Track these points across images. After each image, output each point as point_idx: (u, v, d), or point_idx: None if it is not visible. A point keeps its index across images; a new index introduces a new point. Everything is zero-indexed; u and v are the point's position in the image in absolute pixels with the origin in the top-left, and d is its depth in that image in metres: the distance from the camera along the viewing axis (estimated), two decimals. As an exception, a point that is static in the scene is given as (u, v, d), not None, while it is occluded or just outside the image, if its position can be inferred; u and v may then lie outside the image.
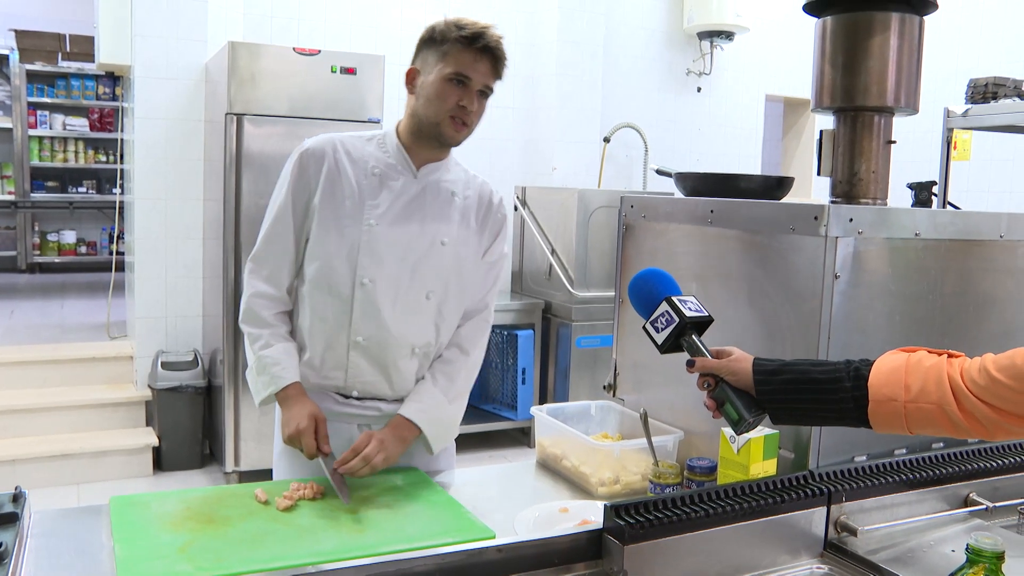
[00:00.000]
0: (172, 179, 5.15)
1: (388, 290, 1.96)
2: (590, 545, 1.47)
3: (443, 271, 2.00)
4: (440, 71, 1.90)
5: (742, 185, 2.18)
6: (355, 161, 2.00)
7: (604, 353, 5.40)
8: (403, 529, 1.65)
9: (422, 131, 1.97)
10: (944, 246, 1.90)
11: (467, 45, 1.89)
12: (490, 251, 2.10)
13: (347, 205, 1.96)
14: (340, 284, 1.96)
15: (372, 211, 1.96)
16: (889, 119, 2.01)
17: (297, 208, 1.98)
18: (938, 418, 1.30)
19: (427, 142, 1.99)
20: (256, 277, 2.01)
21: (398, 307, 1.97)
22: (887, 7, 1.93)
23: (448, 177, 2.05)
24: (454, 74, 1.89)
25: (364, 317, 1.96)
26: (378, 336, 1.97)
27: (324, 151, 1.99)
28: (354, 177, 1.98)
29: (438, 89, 1.91)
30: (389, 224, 1.96)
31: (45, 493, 4.50)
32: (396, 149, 2.01)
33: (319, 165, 1.98)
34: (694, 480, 1.83)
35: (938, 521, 1.73)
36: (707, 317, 1.54)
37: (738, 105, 7.33)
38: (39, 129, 9.03)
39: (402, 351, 1.99)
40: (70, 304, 7.69)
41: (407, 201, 1.98)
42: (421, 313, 2.00)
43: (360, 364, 1.99)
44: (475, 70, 1.90)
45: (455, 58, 1.89)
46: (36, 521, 1.62)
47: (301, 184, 1.98)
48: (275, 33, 5.61)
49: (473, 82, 1.91)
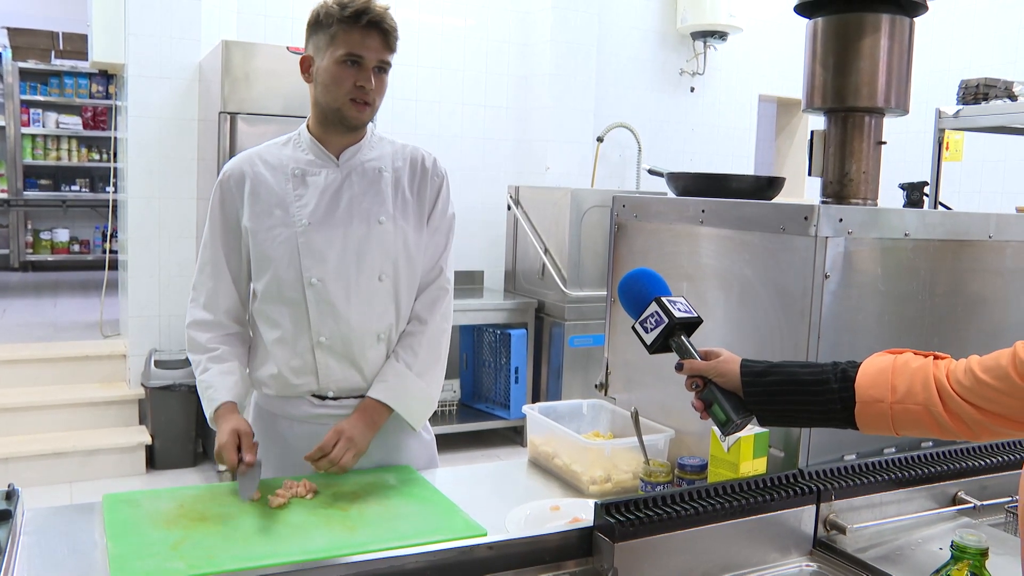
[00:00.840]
0: (165, 178, 5.15)
1: (339, 284, 1.96)
2: (580, 543, 1.48)
3: (389, 249, 1.99)
4: (332, 55, 1.89)
5: (733, 185, 2.19)
6: (274, 168, 1.99)
7: (597, 352, 5.41)
8: (395, 527, 1.65)
9: (328, 118, 1.97)
10: (934, 246, 1.91)
11: (353, 23, 1.87)
12: (432, 215, 2.08)
13: (276, 213, 1.96)
14: (289, 290, 1.96)
15: (301, 211, 1.95)
16: (880, 120, 2.02)
17: (226, 233, 2.00)
18: (924, 419, 1.31)
19: (336, 128, 1.98)
20: (195, 305, 2.04)
21: (352, 298, 1.97)
22: (877, 9, 1.94)
23: (371, 156, 2.04)
24: (346, 55, 1.88)
25: (321, 316, 1.96)
26: (339, 331, 1.97)
27: (242, 170, 2.00)
28: (275, 184, 1.98)
29: (333, 74, 1.90)
30: (321, 219, 1.96)
31: (38, 491, 4.50)
32: (310, 144, 2.01)
33: (240, 185, 1.99)
34: (685, 478, 1.84)
35: (926, 519, 1.75)
36: (696, 318, 1.54)
37: (731, 105, 7.35)
38: (32, 127, 9.02)
39: (367, 341, 1.99)
40: (63, 302, 7.68)
41: (333, 192, 1.98)
42: (377, 297, 1.99)
43: (329, 363, 1.98)
44: (366, 47, 1.88)
45: (344, 39, 1.88)
46: (29, 519, 1.62)
47: (225, 209, 2.00)
48: (269, 32, 5.61)
49: (366, 60, 1.89)
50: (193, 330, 2.02)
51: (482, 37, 6.29)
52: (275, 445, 2.05)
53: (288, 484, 1.80)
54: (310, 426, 2.02)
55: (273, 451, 2.04)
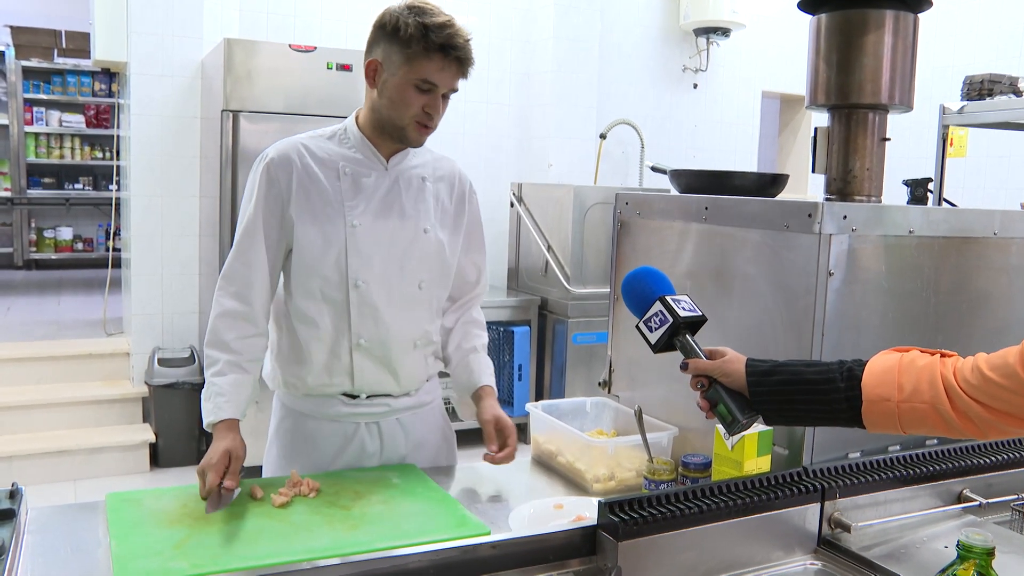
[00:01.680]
0: (168, 176, 5.15)
1: (381, 288, 1.95)
2: (584, 541, 1.47)
3: (429, 258, 2.00)
4: (405, 75, 1.84)
5: (736, 182, 2.18)
6: (323, 163, 1.94)
7: (600, 350, 5.40)
8: (398, 525, 1.65)
9: (384, 129, 1.94)
10: (938, 243, 1.90)
11: (436, 52, 1.83)
12: (472, 230, 2.13)
13: (326, 211, 1.92)
14: (333, 290, 1.93)
15: (351, 212, 1.92)
16: (883, 116, 2.01)
17: (269, 221, 1.92)
18: (931, 418, 1.31)
19: (390, 138, 1.96)
20: (224, 294, 1.93)
21: (394, 303, 1.96)
22: (881, 4, 1.93)
23: (416, 163, 2.03)
24: (421, 81, 1.84)
25: (362, 318, 1.94)
26: (378, 335, 1.95)
27: (290, 158, 1.92)
28: (326, 180, 1.93)
29: (403, 95, 1.86)
30: (371, 222, 1.94)
31: (41, 489, 4.50)
32: (361, 143, 1.97)
33: (288, 174, 1.91)
34: (688, 476, 1.84)
35: (932, 517, 1.74)
36: (701, 317, 1.53)
37: (734, 102, 7.33)
38: (35, 125, 9.03)
39: (404, 346, 1.99)
40: (66, 301, 7.69)
41: (383, 195, 1.96)
42: (416, 305, 2.00)
43: (365, 366, 1.97)
44: (442, 77, 1.86)
45: (423, 65, 1.83)
46: (33, 518, 1.62)
47: (272, 196, 1.91)
48: (271, 30, 5.60)
49: (439, 88, 1.87)
50: (221, 321, 1.91)
51: (484, 34, 6.27)
52: (303, 445, 2.03)
53: (291, 482, 1.80)
54: (339, 425, 2.01)
55: (300, 451, 2.02)
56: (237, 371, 1.89)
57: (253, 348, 1.93)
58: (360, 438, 2.02)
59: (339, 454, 2.01)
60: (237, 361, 1.90)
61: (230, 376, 1.88)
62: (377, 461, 2.03)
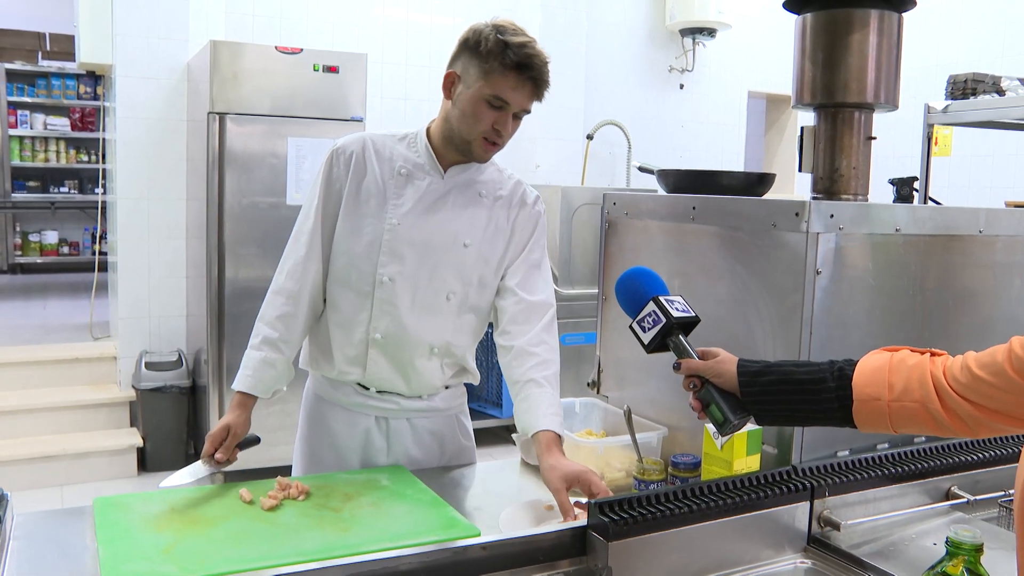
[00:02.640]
0: (154, 179, 5.13)
1: (406, 288, 1.96)
2: (574, 542, 1.47)
3: (464, 273, 1.99)
4: (479, 89, 1.85)
5: (724, 182, 2.18)
6: (383, 159, 1.99)
7: (589, 350, 5.38)
8: (388, 528, 1.65)
9: (453, 141, 1.95)
10: (924, 241, 1.91)
11: (512, 69, 1.83)
12: (532, 249, 2.07)
13: (372, 203, 1.96)
14: (361, 281, 1.97)
15: (396, 210, 1.95)
16: (869, 115, 2.02)
17: (327, 204, 1.99)
18: (922, 417, 1.31)
19: (456, 150, 1.97)
20: (280, 272, 2.02)
21: (416, 306, 1.97)
22: (865, 4, 1.94)
23: (479, 178, 2.03)
24: (494, 97, 1.85)
25: (382, 314, 1.97)
26: (395, 333, 1.97)
27: (353, 149, 1.99)
28: (380, 175, 1.98)
29: (475, 108, 1.87)
30: (412, 223, 1.95)
31: (28, 495, 4.47)
32: (425, 149, 1.99)
33: (348, 162, 1.98)
34: (678, 476, 1.84)
35: (920, 515, 1.75)
36: (694, 318, 1.54)
37: (721, 102, 7.35)
38: (20, 129, 8.98)
39: (419, 350, 1.99)
40: (52, 305, 7.65)
41: (432, 201, 1.97)
42: (439, 314, 1.99)
43: (378, 361, 1.99)
44: (515, 96, 1.86)
45: (498, 81, 1.84)
46: (19, 524, 1.61)
47: (332, 180, 1.99)
48: (257, 32, 5.58)
49: (512, 106, 1.87)
50: (272, 295, 2.01)
51: (471, 35, 6.27)
52: (318, 429, 2.10)
53: (280, 485, 1.79)
54: (351, 413, 2.06)
55: (316, 435, 2.10)
56: (271, 348, 1.98)
57: (292, 328, 2.00)
58: (368, 431, 2.05)
59: (348, 444, 2.06)
60: (273, 339, 1.98)
61: (263, 353, 1.98)
62: (384, 457, 2.06)
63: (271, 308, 2.00)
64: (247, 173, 4.58)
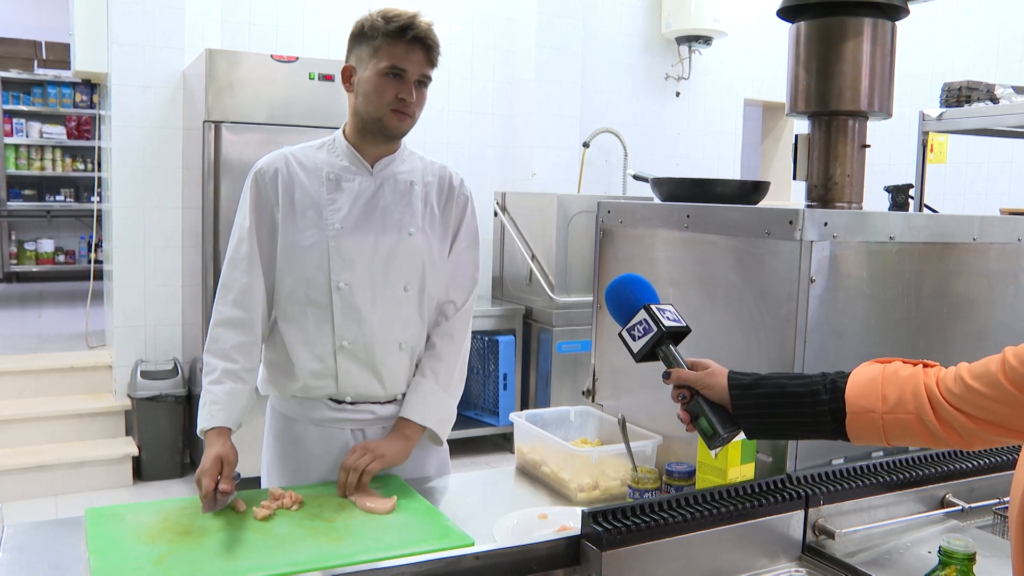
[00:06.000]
0: (150, 187, 5.12)
1: (365, 290, 1.97)
2: (568, 551, 1.47)
3: (416, 261, 2.02)
4: (375, 66, 1.91)
5: (718, 190, 2.18)
6: (309, 170, 2.00)
7: (585, 358, 5.38)
8: (381, 537, 1.64)
9: (366, 127, 1.99)
10: (918, 249, 1.91)
11: (398, 37, 1.89)
12: (460, 235, 2.12)
13: (309, 215, 1.97)
14: (316, 293, 1.97)
15: (334, 216, 1.97)
16: (863, 123, 2.03)
17: (260, 227, 1.99)
18: (916, 428, 1.30)
19: (373, 137, 2.00)
20: (223, 303, 1.99)
21: (378, 305, 1.98)
22: (859, 13, 1.95)
23: (404, 168, 2.06)
24: (389, 68, 1.90)
25: (345, 321, 1.97)
26: (363, 337, 1.98)
27: (277, 166, 2.00)
28: (310, 186, 1.99)
29: (375, 84, 1.92)
30: (353, 225, 1.97)
31: (22, 505, 4.46)
32: (346, 150, 2.02)
33: (274, 181, 1.99)
34: (673, 485, 1.83)
35: (915, 523, 1.75)
36: (684, 327, 1.53)
37: (717, 109, 7.36)
38: (15, 137, 8.97)
39: (389, 349, 2.01)
40: (48, 313, 7.63)
41: (367, 199, 2.00)
42: (402, 307, 2.01)
43: (349, 369, 1.99)
44: (409, 61, 1.91)
45: (387, 52, 1.90)
46: (10, 535, 1.60)
47: (261, 203, 1.99)
48: (253, 40, 5.59)
49: (409, 73, 1.92)
50: (221, 328, 1.97)
51: (467, 43, 6.29)
52: (291, 449, 2.06)
53: (273, 495, 1.78)
54: (326, 430, 2.04)
55: (290, 455, 2.06)
56: (234, 380, 1.93)
57: (251, 357, 1.98)
58: (345, 444, 2.03)
59: (326, 459, 2.03)
60: (235, 371, 1.94)
61: (226, 385, 1.92)
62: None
63: (224, 341, 1.95)
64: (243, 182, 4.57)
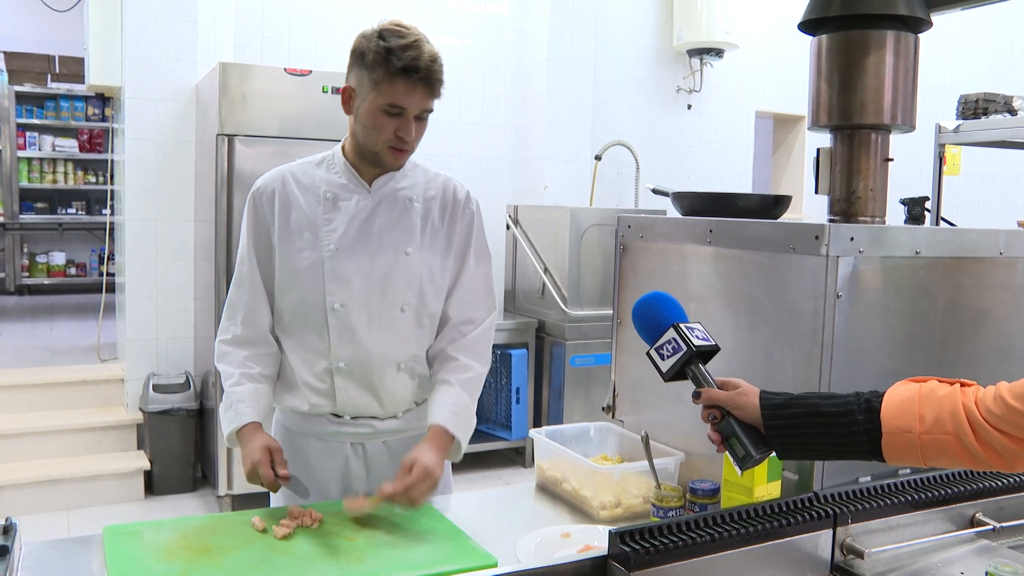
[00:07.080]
0: (162, 200, 5.13)
1: (360, 311, 1.95)
2: (595, 572, 1.45)
3: (413, 281, 1.99)
4: (373, 101, 1.85)
5: (740, 204, 2.17)
6: (306, 189, 1.98)
7: (598, 371, 5.38)
8: (404, 557, 1.62)
9: (364, 154, 1.96)
10: (942, 263, 1.89)
11: (399, 76, 1.81)
12: (469, 254, 2.07)
13: (305, 235, 1.96)
14: (313, 313, 1.96)
15: (329, 236, 1.95)
16: (886, 137, 2.01)
17: (259, 248, 1.99)
18: (955, 449, 1.27)
19: (369, 162, 1.97)
20: (230, 322, 2.01)
21: (373, 326, 1.97)
22: (882, 25, 1.93)
23: (404, 184, 2.02)
24: (389, 106, 1.84)
25: (341, 341, 1.96)
26: (359, 358, 1.96)
27: (274, 187, 1.99)
28: (306, 205, 1.97)
29: (374, 120, 1.87)
30: (349, 246, 1.95)
31: (34, 519, 4.44)
32: (344, 168, 2.00)
33: (271, 201, 1.98)
34: (697, 503, 1.81)
35: (945, 542, 1.71)
36: (714, 346, 1.50)
37: (728, 122, 7.35)
38: (28, 150, 9.01)
39: (387, 369, 1.99)
40: (59, 326, 7.64)
41: (363, 219, 1.97)
42: (398, 326, 1.99)
43: (347, 388, 1.98)
44: (409, 100, 1.84)
45: (388, 90, 1.83)
46: (27, 553, 1.58)
47: (258, 224, 1.99)
48: (266, 54, 5.60)
49: (409, 111, 1.86)
50: (230, 346, 1.99)
51: (478, 57, 6.29)
52: (296, 463, 2.03)
53: (292, 513, 1.76)
54: (326, 443, 2.03)
55: (294, 469, 2.01)
56: (252, 381, 1.95)
57: (265, 362, 1.99)
58: (346, 458, 2.03)
59: (328, 473, 2.03)
60: (250, 374, 1.96)
61: (247, 386, 1.94)
62: (363, 483, 2.03)
63: (238, 355, 1.97)
64: (256, 195, 4.58)
